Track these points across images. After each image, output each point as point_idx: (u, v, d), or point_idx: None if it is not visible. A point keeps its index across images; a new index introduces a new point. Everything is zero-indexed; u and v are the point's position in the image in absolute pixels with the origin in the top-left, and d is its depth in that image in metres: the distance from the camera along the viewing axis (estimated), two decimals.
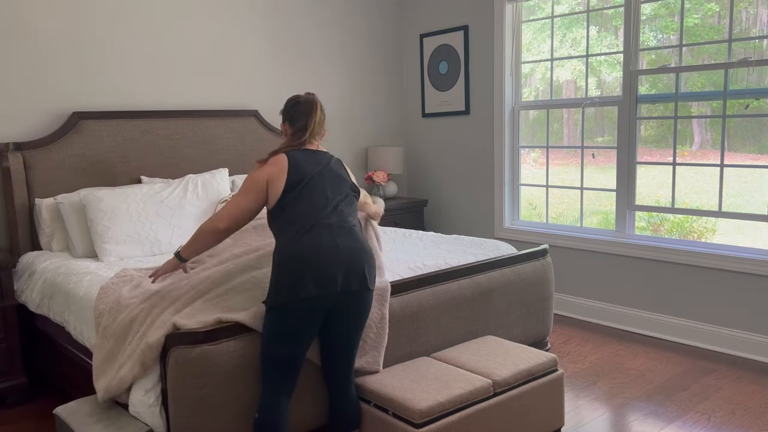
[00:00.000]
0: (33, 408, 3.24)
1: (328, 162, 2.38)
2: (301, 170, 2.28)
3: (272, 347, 2.16)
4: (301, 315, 2.14)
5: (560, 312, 4.52)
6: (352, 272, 2.19)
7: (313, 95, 2.41)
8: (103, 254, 3.33)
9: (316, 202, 2.25)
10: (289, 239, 2.18)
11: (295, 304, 2.12)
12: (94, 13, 3.86)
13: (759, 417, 2.93)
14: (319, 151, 2.40)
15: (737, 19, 3.63)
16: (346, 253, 2.19)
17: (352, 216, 2.33)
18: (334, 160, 2.42)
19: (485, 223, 4.97)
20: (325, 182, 2.31)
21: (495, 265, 3.08)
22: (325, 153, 2.42)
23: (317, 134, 2.41)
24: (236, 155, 4.37)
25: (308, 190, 2.26)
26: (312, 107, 2.38)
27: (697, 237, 4.21)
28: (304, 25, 4.83)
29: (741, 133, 3.75)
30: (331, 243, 2.18)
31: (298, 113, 2.38)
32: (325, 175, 2.32)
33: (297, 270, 2.12)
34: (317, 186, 2.28)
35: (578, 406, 3.09)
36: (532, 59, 4.71)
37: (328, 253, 2.16)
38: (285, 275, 2.14)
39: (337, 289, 2.16)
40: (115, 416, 2.37)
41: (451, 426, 2.27)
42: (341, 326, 2.25)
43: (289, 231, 2.20)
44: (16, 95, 3.63)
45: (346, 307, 2.22)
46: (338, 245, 2.19)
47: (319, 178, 2.30)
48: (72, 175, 3.71)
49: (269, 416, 2.16)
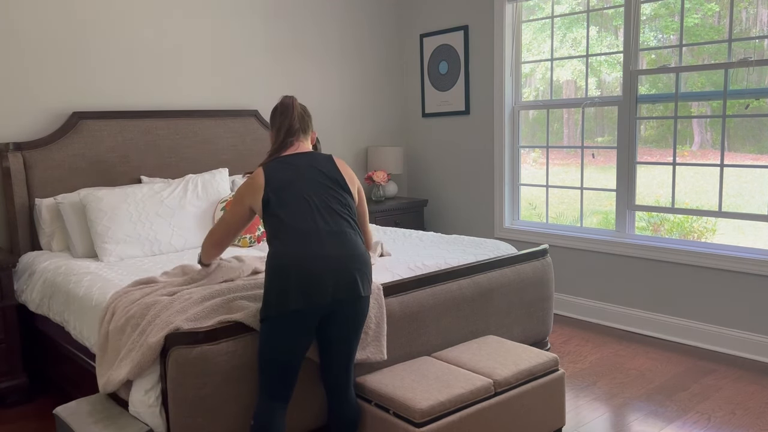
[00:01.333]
0: (33, 408, 3.24)
1: (312, 163, 2.34)
2: (278, 179, 2.27)
3: (267, 357, 2.15)
4: (292, 326, 2.11)
5: (560, 312, 4.52)
6: (342, 281, 2.14)
7: (289, 97, 2.45)
8: (103, 254, 3.32)
9: (298, 207, 2.21)
10: (275, 248, 2.16)
11: (285, 317, 2.10)
12: (94, 13, 3.86)
13: (759, 417, 2.93)
14: (302, 153, 2.38)
15: (737, 19, 3.63)
16: (336, 261, 2.14)
17: (344, 218, 2.26)
18: (321, 159, 2.38)
19: (485, 223, 4.97)
20: (308, 185, 2.27)
21: (495, 265, 3.08)
22: (310, 153, 2.40)
23: (301, 132, 2.42)
24: (236, 155, 4.37)
25: (289, 197, 2.23)
26: (287, 107, 2.41)
27: (697, 237, 4.21)
28: (304, 25, 4.83)
29: (741, 133, 3.75)
30: (318, 251, 2.13)
31: (276, 118, 2.43)
32: (307, 178, 2.29)
33: (283, 280, 2.09)
34: (298, 191, 2.25)
35: (578, 406, 3.09)
36: (532, 59, 4.71)
37: (315, 262, 2.11)
38: (273, 286, 2.11)
39: (327, 300, 2.12)
40: (115, 416, 2.37)
41: (451, 425, 2.27)
42: (337, 330, 2.22)
43: (275, 240, 2.18)
44: (16, 95, 3.63)
45: (341, 313, 2.20)
46: (326, 253, 2.14)
47: (301, 183, 2.27)
48: (72, 175, 3.71)
49: (265, 423, 2.15)
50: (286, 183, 2.26)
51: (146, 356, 2.18)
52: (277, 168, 2.31)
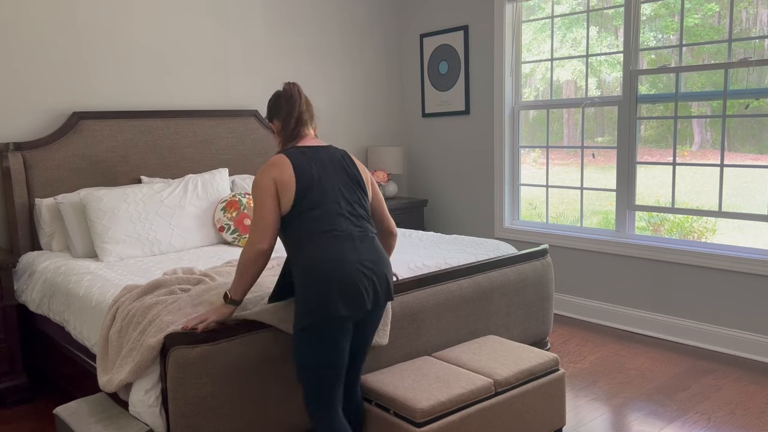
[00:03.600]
0: (33, 408, 3.24)
1: (333, 158, 2.20)
2: (307, 175, 2.11)
3: (317, 369, 2.05)
4: (337, 332, 2.05)
5: (560, 312, 4.52)
6: (380, 288, 2.11)
7: (292, 84, 2.26)
8: (103, 254, 3.32)
9: (330, 208, 2.09)
10: (308, 252, 2.04)
11: (330, 324, 2.02)
12: (93, 13, 3.86)
13: (759, 417, 2.93)
14: (320, 147, 2.23)
15: (737, 19, 3.63)
16: (372, 268, 2.08)
17: (367, 220, 2.18)
18: (341, 156, 2.23)
19: (485, 223, 4.97)
20: (334, 184, 2.14)
21: (495, 265, 3.08)
22: (328, 147, 2.25)
23: (309, 121, 2.26)
24: (236, 155, 4.37)
25: (319, 195, 2.10)
26: (292, 94, 2.24)
27: (697, 237, 4.21)
28: (304, 25, 4.83)
29: (741, 133, 3.75)
30: (355, 256, 2.05)
31: (281, 105, 2.25)
32: (332, 176, 2.15)
33: (324, 287, 1.99)
34: (327, 189, 2.11)
35: (578, 406, 3.09)
36: (532, 59, 4.71)
37: (354, 269, 2.03)
38: (313, 293, 2.01)
39: (368, 308, 2.07)
40: (115, 416, 2.37)
41: (452, 425, 2.27)
42: (363, 333, 2.21)
43: (307, 242, 2.05)
44: (16, 95, 3.63)
45: (372, 317, 2.19)
46: (362, 259, 2.06)
47: (327, 180, 2.13)
48: (72, 175, 3.71)
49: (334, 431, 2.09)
50: (315, 179, 2.12)
51: (145, 356, 2.18)
52: (302, 160, 2.14)
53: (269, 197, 2.08)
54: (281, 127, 2.26)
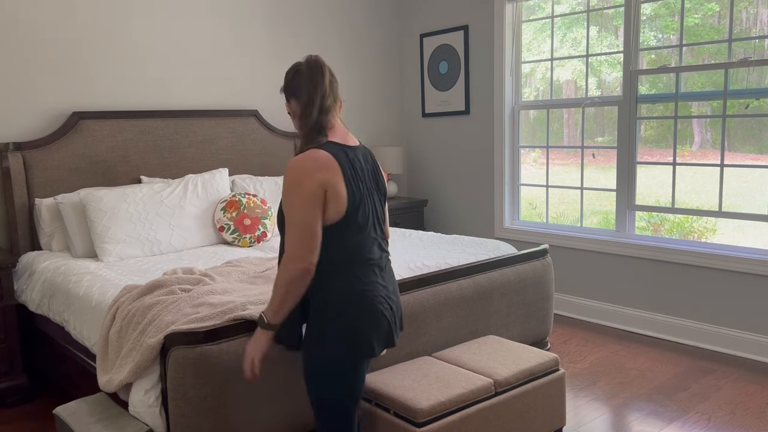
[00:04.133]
0: (33, 408, 3.24)
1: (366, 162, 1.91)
2: (355, 182, 1.81)
3: (340, 400, 1.92)
4: (365, 363, 1.96)
5: (560, 312, 4.52)
6: (400, 320, 2.03)
7: (316, 56, 1.86)
8: (103, 254, 3.32)
9: (369, 226, 1.84)
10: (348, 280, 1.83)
11: (362, 359, 1.92)
12: (93, 13, 3.85)
13: (759, 417, 2.93)
14: (356, 146, 1.92)
15: (737, 19, 3.63)
16: (396, 301, 1.97)
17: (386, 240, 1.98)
18: (372, 159, 1.95)
19: (485, 223, 4.97)
20: (374, 199, 1.88)
21: (495, 265, 3.08)
22: (360, 147, 1.94)
23: (332, 106, 1.89)
24: (236, 155, 4.37)
25: (363, 215, 1.82)
26: (317, 70, 1.84)
27: (697, 237, 4.21)
28: (304, 25, 4.83)
29: (741, 133, 3.75)
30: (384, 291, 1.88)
31: (298, 82, 1.88)
32: (371, 188, 1.88)
33: (363, 322, 1.83)
34: (368, 207, 1.84)
35: (578, 406, 3.08)
36: (532, 59, 4.71)
37: (386, 307, 1.87)
38: (350, 327, 1.83)
39: (395, 344, 1.98)
40: (115, 416, 2.37)
41: (452, 425, 2.27)
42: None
43: (345, 268, 1.82)
44: (16, 95, 3.63)
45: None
46: (389, 293, 1.90)
47: (368, 194, 1.85)
48: (72, 175, 3.71)
49: None
50: (364, 194, 1.83)
51: (145, 356, 2.18)
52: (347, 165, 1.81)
53: (315, 204, 1.76)
54: (301, 114, 1.88)
